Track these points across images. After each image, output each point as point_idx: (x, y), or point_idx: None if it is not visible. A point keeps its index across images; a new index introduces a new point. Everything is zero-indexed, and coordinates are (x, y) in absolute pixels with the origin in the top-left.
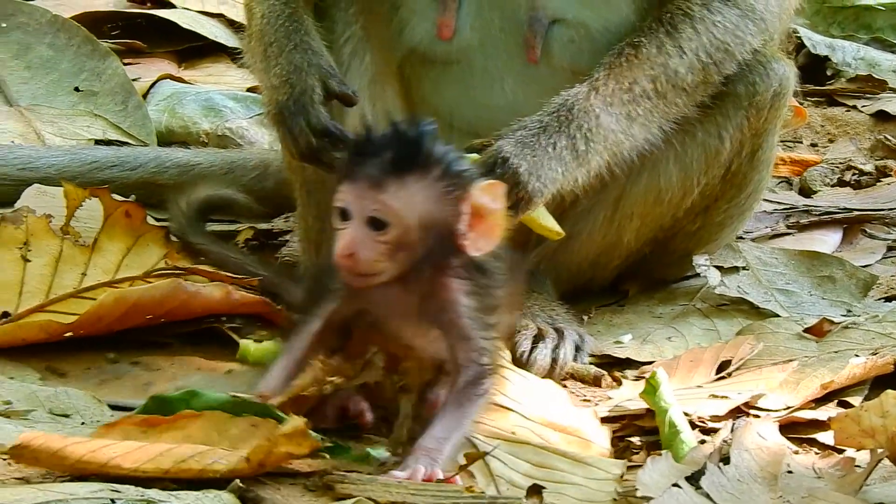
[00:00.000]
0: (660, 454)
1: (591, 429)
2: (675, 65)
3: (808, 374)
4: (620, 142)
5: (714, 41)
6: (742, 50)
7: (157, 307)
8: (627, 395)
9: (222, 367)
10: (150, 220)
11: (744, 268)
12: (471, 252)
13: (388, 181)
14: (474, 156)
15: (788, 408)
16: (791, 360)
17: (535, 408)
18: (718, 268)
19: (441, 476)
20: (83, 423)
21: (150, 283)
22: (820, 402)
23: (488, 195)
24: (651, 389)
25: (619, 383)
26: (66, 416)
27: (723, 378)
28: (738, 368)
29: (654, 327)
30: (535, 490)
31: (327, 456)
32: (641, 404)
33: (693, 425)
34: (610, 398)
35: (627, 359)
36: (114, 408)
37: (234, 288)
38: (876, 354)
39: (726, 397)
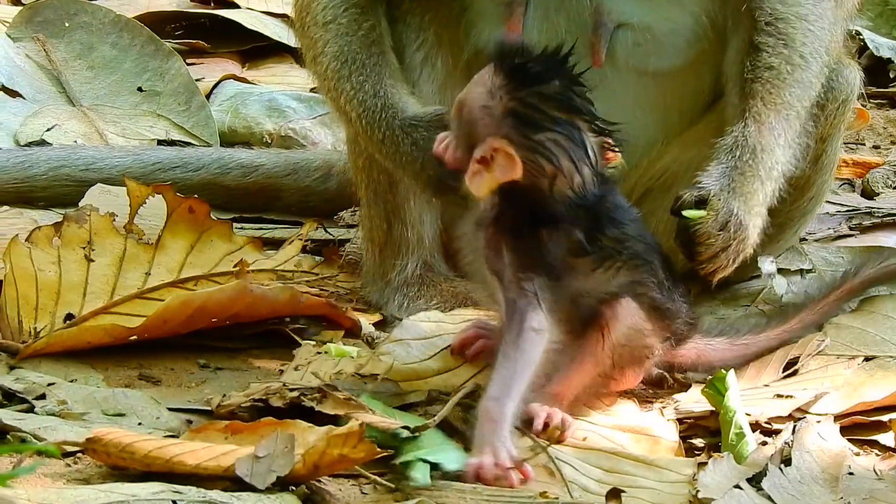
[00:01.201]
0: (721, 456)
1: (659, 426)
2: (807, 77)
3: (872, 373)
4: (788, 170)
5: (819, 40)
6: (831, 46)
7: (224, 310)
8: (693, 398)
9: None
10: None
11: (809, 270)
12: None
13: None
14: (697, 212)
15: (847, 414)
16: (855, 357)
17: (613, 418)
18: (784, 271)
19: (507, 463)
20: (140, 424)
21: (216, 283)
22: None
23: None
24: (718, 391)
25: (682, 385)
26: (122, 415)
27: (789, 376)
28: (803, 367)
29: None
30: (615, 494)
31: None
32: (705, 406)
33: (755, 427)
34: (677, 401)
35: None
36: (172, 410)
37: (300, 290)
38: None
39: (791, 396)
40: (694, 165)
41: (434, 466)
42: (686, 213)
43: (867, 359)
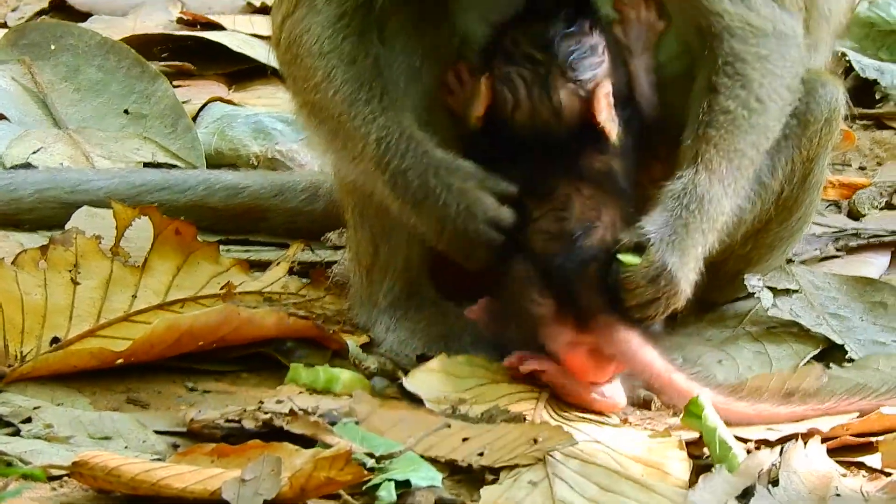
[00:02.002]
0: (711, 472)
1: (672, 462)
2: (764, 121)
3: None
4: (733, 219)
5: (781, 81)
6: (796, 84)
7: (211, 333)
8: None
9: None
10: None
11: (796, 291)
12: None
13: None
14: (630, 258)
15: (834, 437)
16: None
17: (623, 444)
18: (771, 289)
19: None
20: (126, 447)
21: (202, 305)
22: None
23: None
24: (694, 414)
25: (669, 407)
26: (108, 438)
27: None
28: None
29: (704, 350)
30: None
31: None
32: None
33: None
34: (668, 425)
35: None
36: (159, 433)
37: (287, 312)
38: None
39: (780, 430)
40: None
41: (406, 484)
42: (621, 256)
43: None
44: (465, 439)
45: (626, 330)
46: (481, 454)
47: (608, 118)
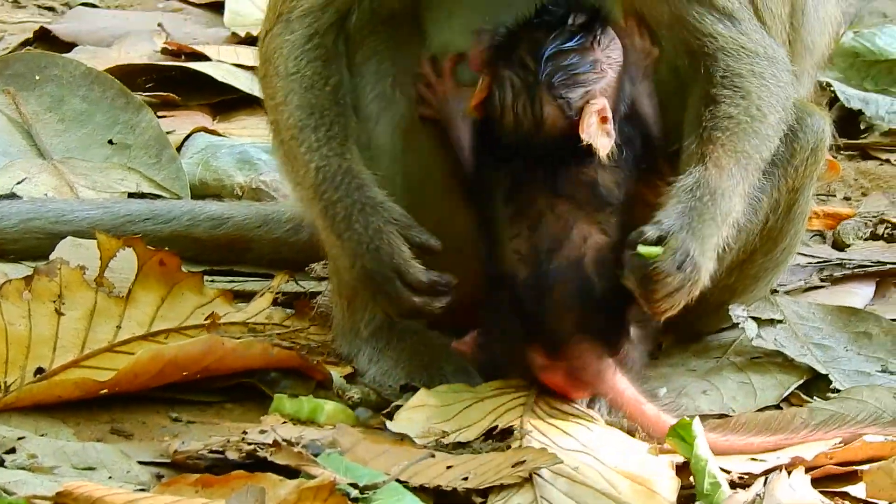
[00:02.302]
0: None
1: (660, 478)
2: (765, 130)
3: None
4: (741, 222)
5: (777, 98)
6: (787, 103)
7: (195, 363)
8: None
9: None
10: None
11: (780, 321)
12: None
13: None
14: (653, 250)
15: (818, 466)
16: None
17: (612, 454)
18: (755, 319)
19: None
20: (110, 478)
21: (187, 336)
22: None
23: None
24: (680, 437)
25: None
26: (92, 469)
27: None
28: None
29: (688, 381)
30: None
31: None
32: (680, 457)
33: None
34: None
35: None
36: (143, 463)
37: (271, 343)
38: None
39: (764, 461)
40: None
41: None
42: (642, 249)
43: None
44: (449, 466)
45: (599, 355)
46: (466, 478)
47: (596, 135)
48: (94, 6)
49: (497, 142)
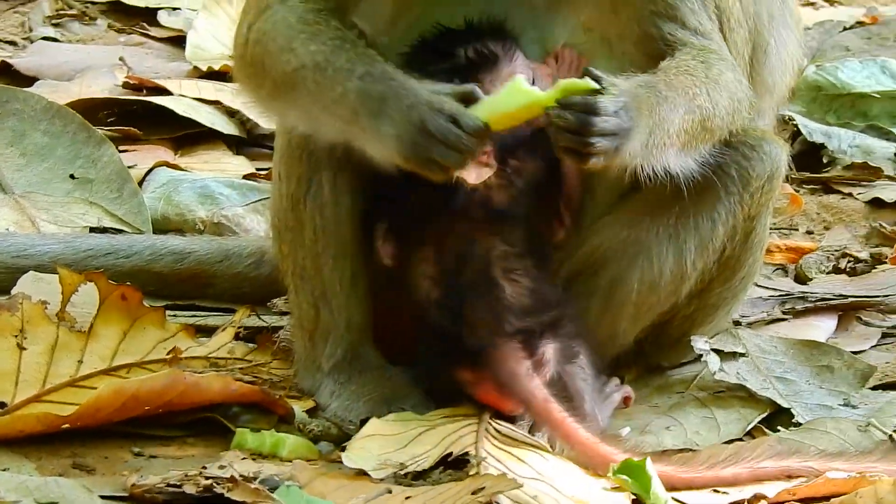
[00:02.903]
0: None
1: None
2: (715, 95)
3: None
4: (677, 147)
5: (732, 85)
6: (739, 116)
7: (157, 398)
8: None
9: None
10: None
11: (743, 354)
12: None
13: None
14: (578, 82)
15: (780, 502)
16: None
17: (568, 484)
18: (717, 352)
19: None
20: None
21: (148, 371)
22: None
23: None
24: (634, 476)
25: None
26: (54, 503)
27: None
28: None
29: (651, 417)
30: None
31: None
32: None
33: None
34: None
35: (628, 447)
36: (105, 498)
37: (233, 377)
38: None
39: (726, 493)
40: (626, 246)
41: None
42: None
43: None
44: (407, 498)
45: (518, 359)
46: None
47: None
48: (55, 40)
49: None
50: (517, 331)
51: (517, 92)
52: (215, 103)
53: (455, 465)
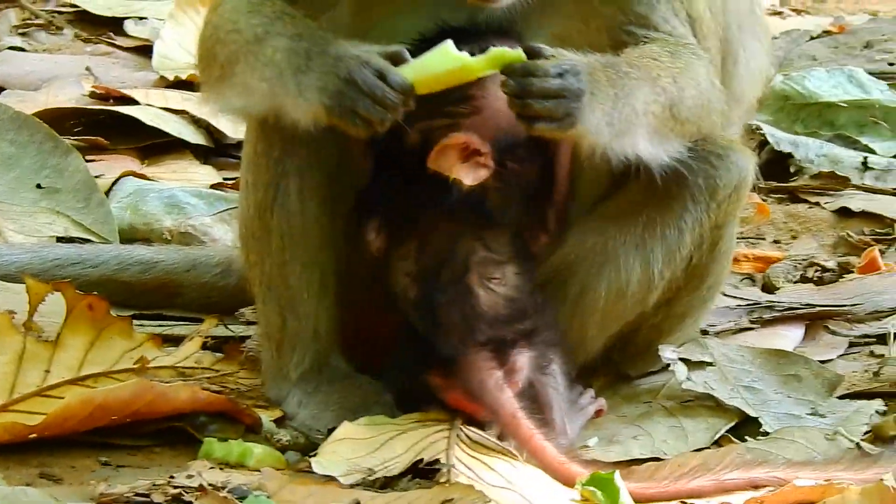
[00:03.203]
0: None
1: None
2: (682, 81)
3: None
4: (642, 127)
5: (696, 78)
6: (708, 114)
7: (125, 407)
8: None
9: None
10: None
11: (710, 363)
12: None
13: None
14: (509, 51)
15: None
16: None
17: (537, 494)
18: (685, 361)
19: None
20: None
21: (116, 380)
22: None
23: None
24: (602, 489)
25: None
26: None
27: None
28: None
29: (619, 427)
30: None
31: None
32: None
33: None
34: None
35: (594, 461)
36: None
37: (200, 387)
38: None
39: None
40: (594, 254)
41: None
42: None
43: None
44: None
45: (489, 368)
46: None
47: (453, 168)
48: (22, 50)
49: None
50: (489, 339)
51: (446, 56)
52: (182, 113)
53: (424, 472)
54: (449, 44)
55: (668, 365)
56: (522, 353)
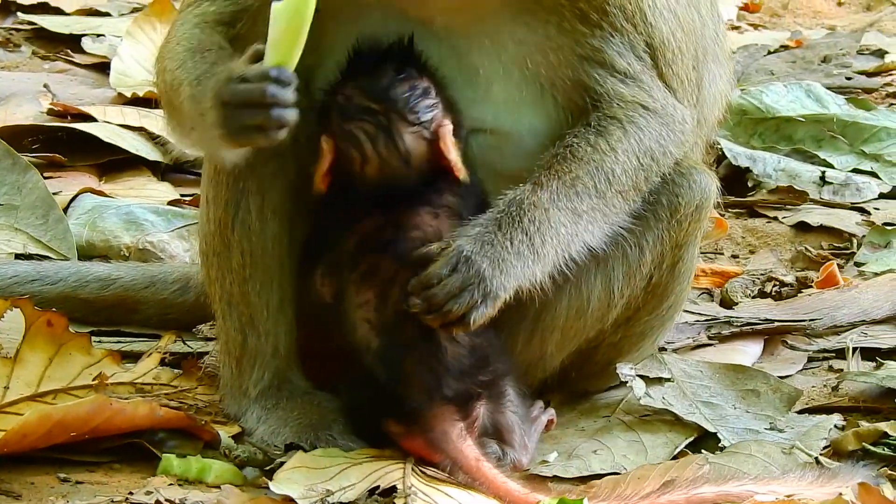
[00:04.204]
0: None
1: None
2: (610, 163)
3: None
4: (571, 238)
5: (641, 145)
6: (665, 161)
7: (83, 424)
8: None
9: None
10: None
11: (668, 379)
12: None
13: None
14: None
15: None
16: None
17: None
18: (643, 378)
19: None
20: None
21: (75, 396)
22: None
23: None
24: None
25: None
26: None
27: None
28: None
29: (578, 441)
30: None
31: None
32: None
33: None
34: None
35: (555, 476)
36: None
37: (159, 403)
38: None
39: None
40: (555, 272)
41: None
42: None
43: None
44: None
45: (452, 421)
46: None
47: (456, 156)
48: None
49: (348, 201)
50: (454, 394)
51: (279, 20)
52: (140, 130)
53: (383, 495)
54: (276, 4)
55: (626, 381)
56: (482, 402)
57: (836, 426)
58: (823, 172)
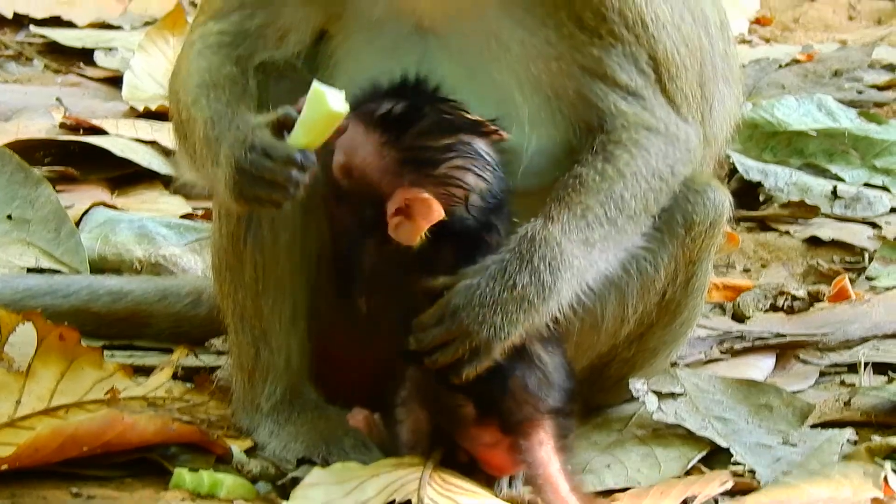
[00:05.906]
0: None
1: None
2: (619, 190)
3: None
4: (584, 269)
5: (648, 167)
6: (673, 180)
7: (95, 439)
8: None
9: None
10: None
11: (681, 394)
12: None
13: None
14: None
15: None
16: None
17: None
18: (656, 393)
19: None
20: None
21: (87, 411)
22: None
23: None
24: None
25: None
26: None
27: None
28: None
29: (591, 455)
30: None
31: None
32: None
33: None
34: None
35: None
36: None
37: (171, 417)
38: None
39: None
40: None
41: None
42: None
43: None
44: None
45: (549, 432)
46: None
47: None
48: None
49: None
50: (554, 408)
51: (318, 103)
52: (152, 143)
53: None
54: (317, 87)
55: (639, 397)
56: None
57: (848, 440)
58: (835, 186)
